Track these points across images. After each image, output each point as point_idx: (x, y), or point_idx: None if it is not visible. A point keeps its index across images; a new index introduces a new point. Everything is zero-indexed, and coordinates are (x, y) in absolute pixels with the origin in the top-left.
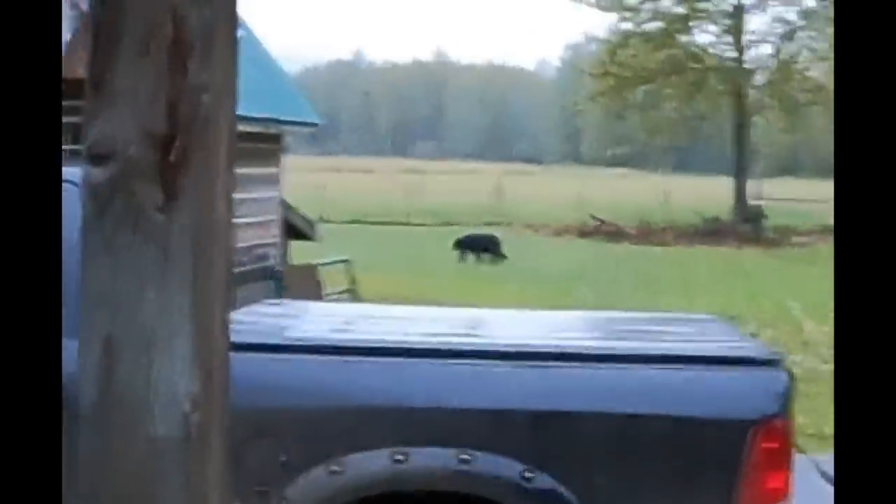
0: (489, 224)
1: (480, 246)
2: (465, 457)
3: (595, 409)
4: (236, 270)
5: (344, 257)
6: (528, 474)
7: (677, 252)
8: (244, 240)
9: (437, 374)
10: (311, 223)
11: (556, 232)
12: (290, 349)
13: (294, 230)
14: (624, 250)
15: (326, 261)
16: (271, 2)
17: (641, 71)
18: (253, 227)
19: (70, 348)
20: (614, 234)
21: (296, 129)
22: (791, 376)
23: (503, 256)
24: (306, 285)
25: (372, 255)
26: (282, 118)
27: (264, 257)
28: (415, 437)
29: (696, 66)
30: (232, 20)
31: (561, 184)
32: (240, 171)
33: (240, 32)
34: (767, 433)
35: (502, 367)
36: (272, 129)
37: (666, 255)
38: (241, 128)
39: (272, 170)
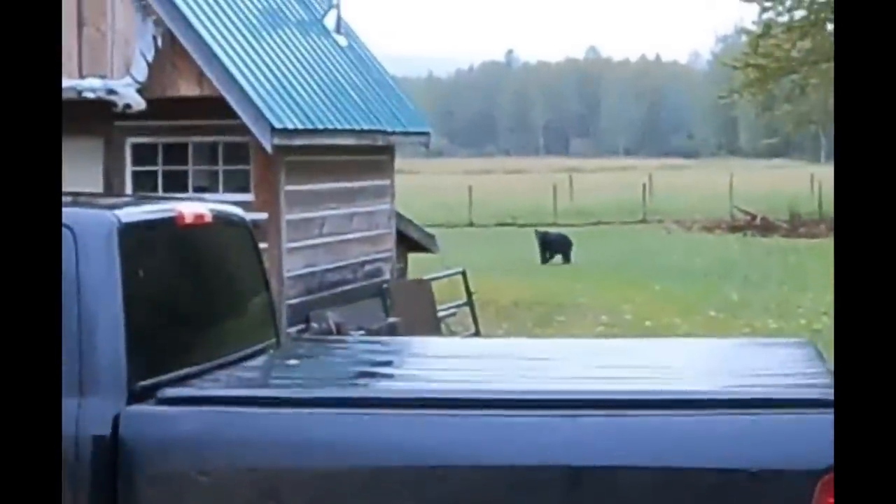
0: (640, 221)
1: (558, 246)
2: None
3: (634, 462)
4: (346, 288)
5: (459, 269)
6: None
7: (828, 245)
8: (354, 255)
9: (450, 427)
10: (429, 235)
11: (706, 227)
12: (284, 402)
13: (412, 243)
14: (774, 244)
15: (440, 274)
16: (422, 7)
17: (786, 61)
18: (363, 242)
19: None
20: (765, 227)
21: (407, 139)
22: None
23: (568, 260)
24: (419, 300)
25: (514, 258)
26: (391, 129)
27: (376, 273)
28: (434, 498)
29: None
30: None
31: (715, 177)
32: (349, 184)
33: (346, 42)
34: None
35: (529, 417)
36: (380, 141)
37: (817, 248)
38: (350, 140)
39: (383, 182)
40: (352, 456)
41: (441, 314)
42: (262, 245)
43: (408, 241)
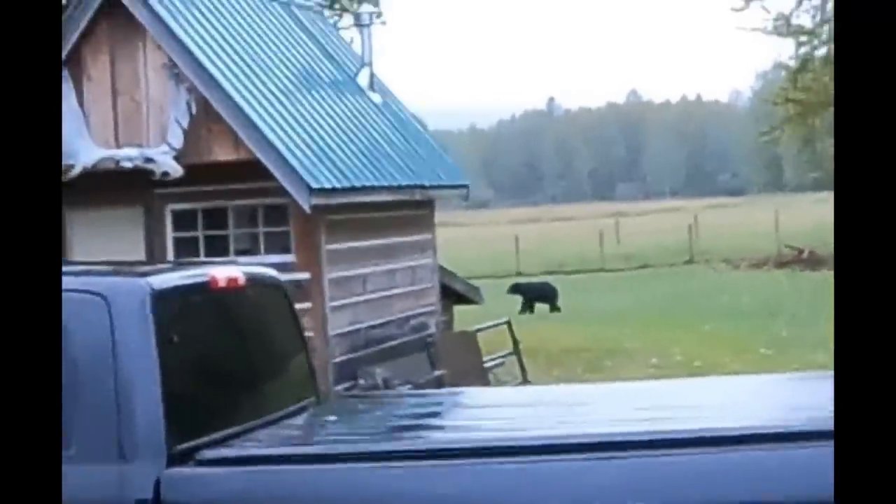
0: (687, 262)
1: (535, 294)
2: None
3: (670, 500)
4: (392, 343)
5: (504, 319)
6: None
7: None
8: (398, 310)
9: (487, 475)
10: (473, 287)
11: (754, 264)
12: (321, 459)
13: (457, 295)
14: (822, 278)
15: (486, 325)
16: (461, 60)
17: (825, 94)
18: (407, 297)
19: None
20: (813, 261)
21: (446, 192)
22: None
23: (557, 308)
24: (466, 351)
25: (564, 306)
26: (429, 183)
27: (421, 327)
28: None
29: None
30: None
31: (762, 214)
32: (391, 240)
33: (380, 99)
34: None
35: (571, 461)
36: (419, 196)
37: None
38: (389, 196)
39: (425, 236)
40: None
41: (488, 364)
42: (306, 305)
43: (452, 294)
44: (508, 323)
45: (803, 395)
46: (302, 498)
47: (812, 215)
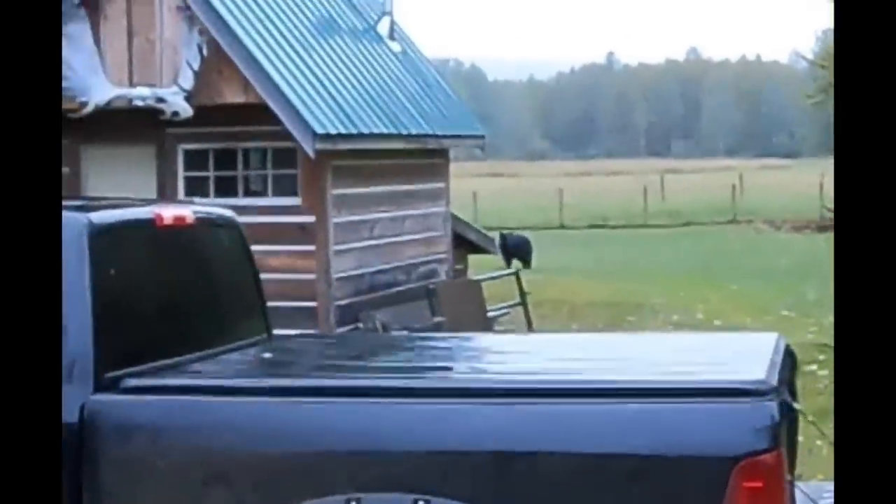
0: (730, 222)
1: (514, 247)
2: (422, 502)
3: (558, 448)
4: (399, 289)
5: (512, 270)
6: None
7: None
8: (406, 257)
9: (386, 415)
10: (487, 237)
11: (795, 227)
12: (231, 392)
13: (472, 245)
14: None
15: (492, 275)
16: (523, 12)
17: None
18: (416, 244)
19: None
20: None
21: (461, 142)
22: (781, 406)
23: (528, 264)
24: (469, 300)
25: (599, 260)
26: (444, 133)
27: (431, 274)
28: (369, 480)
29: None
30: None
31: (811, 176)
32: (401, 187)
33: (400, 48)
34: (750, 471)
35: (459, 405)
36: (431, 145)
37: None
38: (399, 145)
39: (438, 185)
40: (293, 441)
41: (493, 314)
42: (310, 247)
43: (466, 243)
44: (517, 274)
45: (721, 354)
46: (212, 427)
47: None
